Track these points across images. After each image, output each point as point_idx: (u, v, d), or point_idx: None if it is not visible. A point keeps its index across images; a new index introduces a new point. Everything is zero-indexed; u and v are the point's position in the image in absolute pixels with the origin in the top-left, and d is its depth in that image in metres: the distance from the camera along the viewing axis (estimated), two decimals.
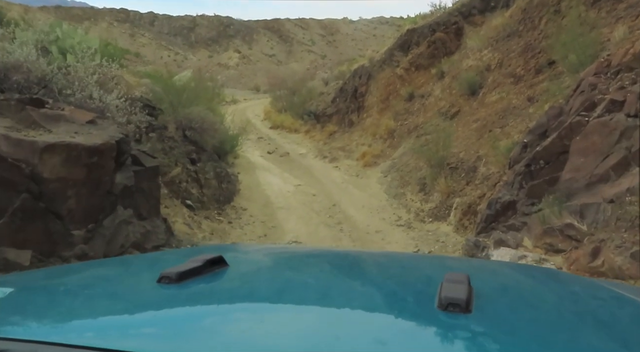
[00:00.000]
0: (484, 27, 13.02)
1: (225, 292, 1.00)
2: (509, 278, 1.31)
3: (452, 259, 2.38)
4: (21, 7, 37.15)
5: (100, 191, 2.84)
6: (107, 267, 1.36)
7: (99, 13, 56.45)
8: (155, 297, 0.92)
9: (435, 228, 7.30)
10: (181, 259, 1.06)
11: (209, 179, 7.64)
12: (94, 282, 1.11)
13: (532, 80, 9.05)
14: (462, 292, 0.82)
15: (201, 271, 0.98)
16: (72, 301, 0.95)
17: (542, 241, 4.44)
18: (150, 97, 8.27)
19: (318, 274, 1.25)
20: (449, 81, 11.87)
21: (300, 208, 8.37)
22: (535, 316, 0.89)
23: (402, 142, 11.38)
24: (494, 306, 0.90)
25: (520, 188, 5.51)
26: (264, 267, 1.34)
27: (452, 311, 0.77)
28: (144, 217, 3.31)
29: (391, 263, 1.46)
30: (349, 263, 1.42)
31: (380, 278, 1.23)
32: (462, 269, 1.11)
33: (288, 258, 1.50)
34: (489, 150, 7.92)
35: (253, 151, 13.48)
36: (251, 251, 1.72)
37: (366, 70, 14.52)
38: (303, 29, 63.59)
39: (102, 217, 2.84)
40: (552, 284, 1.27)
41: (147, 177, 3.45)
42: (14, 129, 2.69)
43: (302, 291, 1.03)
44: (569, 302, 1.07)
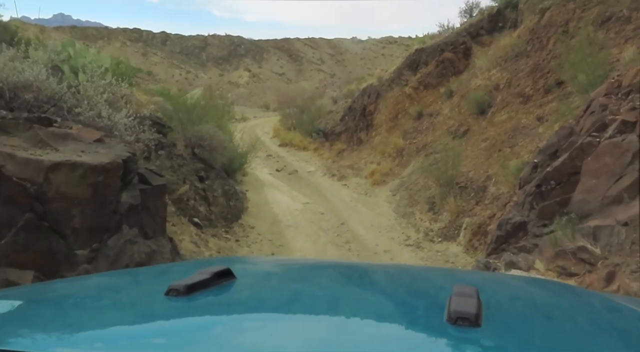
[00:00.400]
0: (492, 47, 13.08)
1: (234, 304, 1.00)
2: (518, 291, 1.29)
3: (460, 272, 2.34)
4: (37, 27, 38.11)
5: (106, 210, 2.83)
6: (115, 279, 1.37)
7: (113, 33, 57.75)
8: (163, 310, 0.92)
9: (444, 248, 7.19)
10: (189, 271, 1.06)
11: (217, 196, 7.64)
12: (102, 294, 1.12)
13: (541, 100, 9.01)
14: (472, 305, 0.80)
15: (209, 284, 0.98)
16: (80, 313, 0.95)
17: (555, 263, 4.33)
18: (160, 115, 8.36)
19: (326, 286, 1.25)
20: (458, 100, 11.87)
21: (308, 226, 8.31)
22: (546, 330, 0.88)
23: (411, 160, 11.33)
24: (504, 319, 0.89)
25: (531, 209, 5.42)
26: (271, 279, 1.34)
27: (461, 325, 0.76)
28: (150, 236, 3.29)
29: (400, 275, 1.45)
30: (357, 275, 1.41)
31: (388, 290, 1.23)
32: (470, 282, 1.10)
33: (295, 270, 1.50)
34: (499, 170, 7.85)
35: (262, 169, 13.51)
36: (258, 263, 1.72)
37: (375, 89, 14.60)
38: (312, 48, 64.42)
39: (107, 236, 2.83)
40: (563, 297, 1.25)
41: (153, 196, 3.44)
42: (20, 147, 2.71)
43: (310, 303, 1.03)
44: (581, 316, 1.05)
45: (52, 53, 6.33)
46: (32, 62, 3.46)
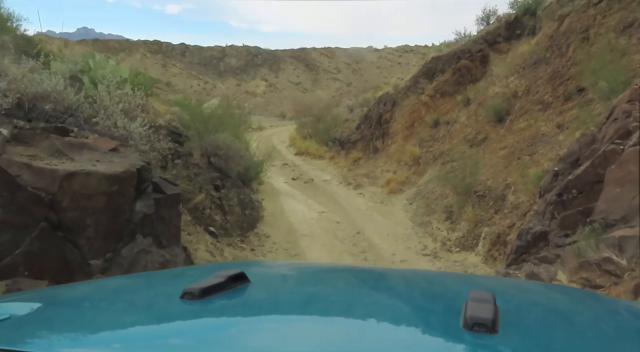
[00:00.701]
0: (510, 55, 12.92)
1: (248, 307, 1.00)
2: (537, 296, 1.26)
3: (476, 277, 2.28)
4: (61, 40, 39.29)
5: (120, 220, 2.84)
6: (131, 282, 1.39)
7: (134, 45, 58.92)
8: (178, 313, 0.93)
9: (462, 258, 7.05)
10: (203, 274, 1.07)
11: (232, 205, 7.65)
12: (118, 296, 1.13)
13: (561, 107, 8.84)
14: (488, 311, 0.79)
15: (224, 287, 0.99)
16: (97, 316, 0.97)
17: (578, 275, 4.18)
18: (177, 124, 8.45)
19: (341, 290, 1.24)
20: (475, 108, 11.73)
21: (323, 235, 8.26)
22: (566, 337, 0.86)
23: (428, 169, 11.21)
24: (522, 325, 0.88)
25: (552, 218, 5.28)
26: (286, 282, 1.34)
27: (477, 331, 0.75)
28: (164, 245, 3.28)
29: (415, 280, 1.43)
30: (372, 279, 1.40)
31: (404, 294, 1.22)
32: (486, 287, 1.10)
33: (310, 273, 1.49)
34: (518, 178, 7.70)
35: (278, 177, 13.52)
36: (273, 266, 1.71)
37: (391, 97, 14.54)
38: (329, 57, 64.65)
39: (121, 246, 2.83)
40: (584, 303, 1.22)
41: (168, 205, 3.45)
42: (37, 157, 2.74)
43: (325, 306, 1.03)
44: (605, 323, 1.02)
45: (72, 64, 6.47)
46: (50, 73, 3.53)
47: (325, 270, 1.64)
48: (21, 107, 3.23)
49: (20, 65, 3.43)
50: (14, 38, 7.19)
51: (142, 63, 54.84)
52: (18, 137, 2.80)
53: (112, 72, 6.23)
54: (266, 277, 1.37)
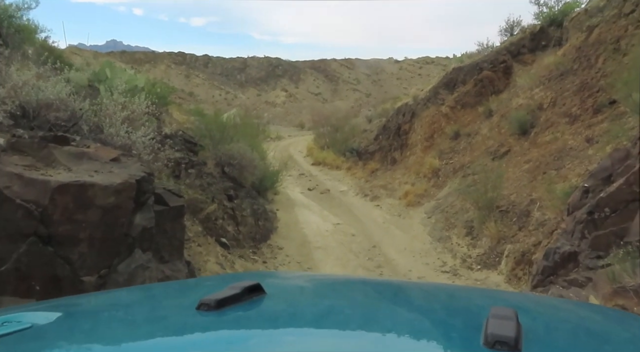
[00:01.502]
0: (535, 66, 12.56)
1: (264, 319, 0.99)
2: (564, 314, 1.21)
3: (498, 292, 2.24)
4: (90, 52, 40.45)
5: (116, 234, 2.67)
6: (148, 293, 1.41)
7: (159, 56, 60.08)
8: (194, 324, 0.92)
9: (484, 277, 6.72)
10: (219, 285, 1.07)
11: (245, 216, 7.49)
12: (135, 307, 1.14)
13: (590, 121, 8.46)
14: (511, 329, 0.76)
15: (239, 298, 0.98)
16: (115, 327, 0.98)
17: (613, 302, 3.85)
18: (193, 133, 8.37)
19: (359, 303, 1.21)
20: (498, 120, 11.38)
21: (338, 249, 8.02)
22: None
23: (447, 181, 10.88)
24: (544, 345, 0.84)
25: (582, 238, 4.94)
26: (302, 294, 1.32)
27: (499, 350, 0.71)
28: (166, 260, 3.11)
29: (435, 294, 1.40)
30: (390, 293, 1.36)
31: (423, 309, 1.18)
32: (509, 303, 1.05)
33: (326, 286, 1.46)
34: (544, 194, 7.34)
35: (294, 188, 13.36)
36: (289, 278, 1.71)
37: (410, 108, 14.28)
38: (349, 68, 64.78)
39: (117, 262, 2.66)
40: (612, 323, 1.15)
41: (171, 218, 3.28)
42: (32, 167, 2.61)
43: (342, 319, 1.01)
44: (630, 344, 0.97)
45: (90, 74, 6.45)
46: (55, 81, 3.45)
47: (342, 282, 1.60)
48: (25, 116, 3.14)
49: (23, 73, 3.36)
50: (36, 49, 7.24)
51: (166, 74, 55.99)
52: (15, 146, 2.68)
53: (129, 81, 6.19)
54: (282, 288, 1.36)
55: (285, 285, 1.46)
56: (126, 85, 5.96)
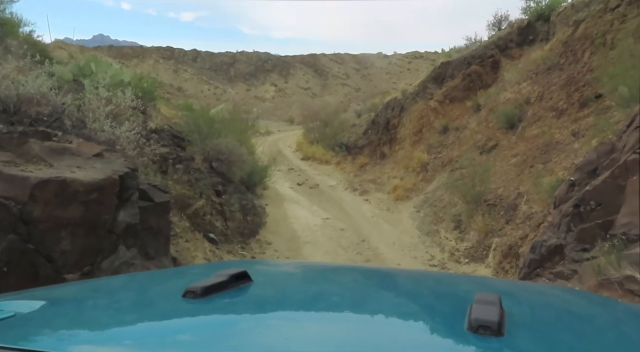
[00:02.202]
0: (522, 60, 12.64)
1: (250, 306, 1.00)
2: (546, 299, 1.22)
3: (482, 279, 2.22)
4: (77, 47, 39.82)
5: (99, 231, 2.62)
6: (133, 281, 1.39)
7: (147, 51, 59.24)
8: (180, 312, 0.92)
9: (472, 270, 6.77)
10: (206, 273, 1.06)
11: (234, 211, 7.44)
12: (120, 295, 1.13)
13: (576, 115, 8.54)
14: (494, 314, 0.77)
15: (226, 286, 0.98)
16: (100, 314, 0.97)
17: (598, 294, 3.90)
18: (180, 128, 8.27)
19: (345, 290, 1.22)
20: (486, 114, 11.45)
21: (327, 243, 8.01)
22: (573, 342, 0.84)
23: (436, 176, 10.93)
24: (528, 329, 0.86)
25: (568, 231, 4.99)
26: (287, 282, 1.32)
27: (482, 334, 0.73)
28: (151, 256, 3.06)
29: (421, 280, 1.40)
30: (377, 279, 1.37)
31: (409, 296, 1.19)
32: (492, 289, 1.05)
33: (313, 273, 1.46)
34: (531, 187, 7.40)
35: (283, 183, 13.32)
36: (275, 265, 1.71)
37: (399, 103, 14.30)
38: (338, 63, 64.59)
39: (100, 259, 2.61)
40: (597, 307, 1.19)
41: (156, 214, 3.23)
42: (12, 163, 2.54)
43: (327, 306, 1.01)
44: (611, 328, 1.00)
45: (75, 68, 6.33)
46: (35, 75, 3.36)
47: (329, 269, 1.59)
48: (6, 111, 3.06)
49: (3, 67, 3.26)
50: (20, 43, 7.08)
51: (154, 68, 55.35)
52: None
53: (114, 75, 6.08)
54: (269, 275, 1.36)
55: (272, 272, 1.46)
56: (112, 79, 5.87)
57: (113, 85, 5.78)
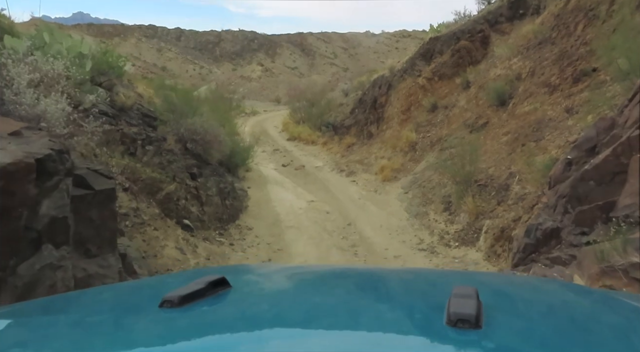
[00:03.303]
0: (513, 35, 12.21)
1: (228, 315, 0.97)
2: (521, 291, 1.24)
3: (460, 273, 2.23)
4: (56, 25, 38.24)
5: (12, 227, 2.17)
6: (108, 294, 1.35)
7: (129, 29, 57.53)
8: (157, 323, 0.89)
9: (462, 254, 6.46)
10: (184, 281, 1.03)
11: (211, 195, 7.00)
12: (95, 309, 1.09)
13: (569, 90, 8.18)
14: (471, 307, 0.77)
15: (204, 294, 0.96)
16: (73, 331, 0.93)
17: (600, 282, 3.58)
18: (158, 108, 7.71)
19: (323, 296, 1.19)
20: (475, 91, 11.05)
21: (311, 227, 7.64)
22: (548, 329, 0.85)
23: (425, 155, 10.57)
24: (505, 320, 0.86)
25: (564, 213, 4.66)
26: (267, 288, 1.30)
27: (461, 327, 0.73)
28: (93, 254, 2.63)
29: (397, 280, 1.40)
30: (355, 283, 1.35)
31: (386, 296, 1.19)
32: (469, 282, 1.04)
33: (292, 278, 1.43)
34: (523, 167, 7.07)
35: (267, 164, 12.88)
36: (254, 271, 1.68)
37: (386, 80, 13.81)
38: (325, 42, 63.55)
39: (16, 262, 2.16)
40: (564, 295, 1.21)
41: (97, 204, 2.77)
42: None
43: (305, 315, 0.98)
44: (587, 316, 1.01)
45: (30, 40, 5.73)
46: None
47: (308, 273, 1.58)
48: None
49: None
50: None
51: (137, 48, 54.06)
52: None
53: (71, 47, 5.52)
54: (248, 281, 1.34)
55: (251, 278, 1.43)
56: (68, 52, 5.31)
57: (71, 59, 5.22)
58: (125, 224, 4.91)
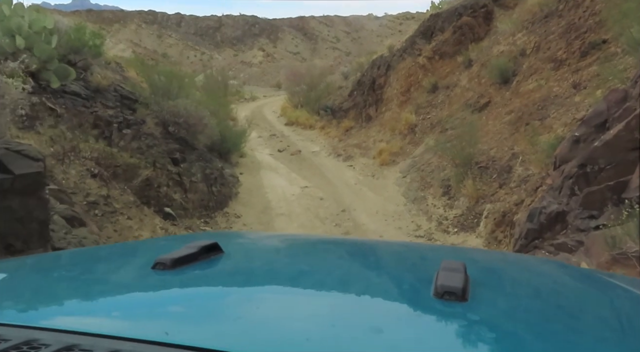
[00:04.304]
0: (517, 10, 11.63)
1: (220, 278, 0.99)
2: (508, 267, 1.26)
3: (451, 249, 2.21)
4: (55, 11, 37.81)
5: None
6: (102, 253, 1.37)
7: (128, 15, 56.96)
8: (149, 283, 0.91)
9: (461, 241, 6.08)
10: (176, 245, 1.05)
11: (195, 182, 6.63)
12: (88, 267, 1.11)
13: (577, 65, 7.68)
14: (459, 280, 0.80)
15: (196, 258, 0.97)
16: (65, 287, 0.95)
17: (611, 270, 3.19)
18: (141, 91, 7.29)
19: (313, 262, 1.20)
20: (478, 69, 10.54)
21: (303, 215, 7.28)
22: (533, 306, 0.88)
23: (424, 138, 10.13)
24: (491, 295, 0.89)
25: (571, 195, 4.25)
26: (258, 254, 1.31)
27: (448, 299, 0.76)
28: (17, 249, 2.29)
29: (388, 251, 1.40)
30: (345, 251, 1.36)
31: (376, 266, 1.21)
32: (460, 258, 1.01)
33: (283, 245, 1.45)
34: (527, 147, 6.64)
35: (263, 149, 12.49)
36: (246, 237, 1.70)
37: (385, 61, 13.29)
38: (328, 26, 62.68)
39: None
40: (553, 274, 1.22)
41: (19, 191, 2.40)
42: None
43: (297, 278, 1.00)
44: (569, 293, 1.03)
45: None
46: None
47: (299, 242, 1.59)
48: None
49: None
50: None
51: (137, 34, 53.67)
52: None
53: (34, 21, 5.10)
54: (240, 247, 1.34)
55: (243, 244, 1.44)
56: (31, 26, 4.89)
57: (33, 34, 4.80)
58: (95, 213, 4.56)
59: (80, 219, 3.54)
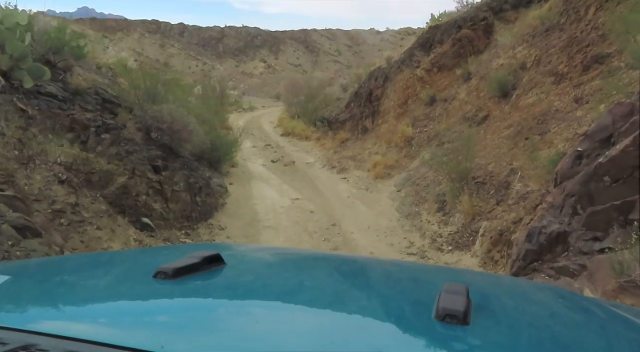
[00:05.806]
0: (518, 24, 11.45)
1: (221, 290, 0.99)
2: (511, 292, 1.24)
3: (453, 271, 2.26)
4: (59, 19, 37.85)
5: None
6: (104, 260, 1.37)
7: (132, 25, 57.22)
8: (150, 292, 0.91)
9: (456, 260, 5.74)
10: (179, 255, 1.06)
11: (177, 191, 6.31)
12: (89, 274, 1.10)
13: (579, 79, 7.43)
14: (461, 304, 0.79)
15: (198, 268, 0.97)
16: (66, 293, 0.94)
17: (618, 299, 2.86)
18: (122, 93, 7.02)
19: (316, 278, 1.20)
20: (477, 83, 10.31)
21: (291, 228, 6.95)
22: (534, 333, 0.87)
23: (421, 151, 9.84)
24: (493, 319, 0.89)
25: (573, 214, 3.94)
26: (260, 267, 1.30)
27: (449, 323, 0.75)
28: None
29: (391, 271, 1.40)
30: (348, 268, 1.35)
31: (378, 285, 1.20)
32: (463, 280, 1.08)
33: (286, 259, 1.45)
34: (526, 163, 6.35)
35: (256, 159, 12.21)
36: (248, 250, 1.69)
37: (383, 72, 13.08)
38: (330, 39, 63.02)
39: None
40: (557, 303, 1.20)
41: None
42: None
43: (298, 294, 1.00)
44: (573, 325, 1.00)
45: None
46: None
47: (301, 257, 1.57)
48: None
49: None
50: None
51: (140, 43, 53.87)
52: None
53: (5, 17, 4.85)
54: (242, 260, 1.34)
55: (246, 256, 1.44)
56: (2, 23, 4.63)
57: (5, 30, 4.54)
58: (60, 223, 4.24)
59: (35, 229, 3.23)
